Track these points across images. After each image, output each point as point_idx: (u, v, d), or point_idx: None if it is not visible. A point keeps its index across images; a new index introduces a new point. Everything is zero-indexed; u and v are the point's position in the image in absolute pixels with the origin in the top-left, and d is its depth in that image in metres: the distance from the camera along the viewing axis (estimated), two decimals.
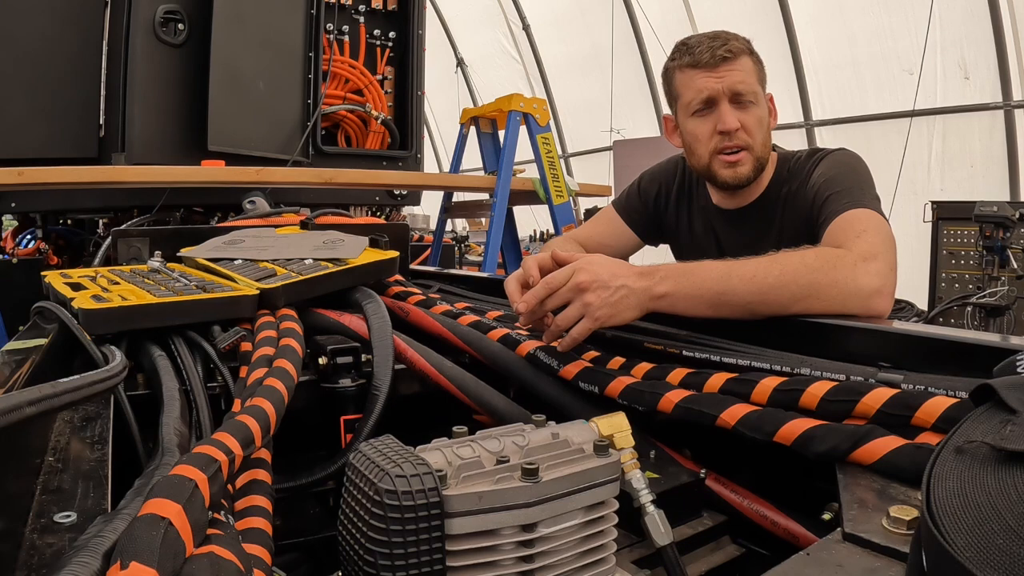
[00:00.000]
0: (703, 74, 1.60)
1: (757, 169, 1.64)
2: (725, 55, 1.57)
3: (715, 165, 1.65)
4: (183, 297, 1.22)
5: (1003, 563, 0.38)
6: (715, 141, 1.63)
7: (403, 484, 0.64)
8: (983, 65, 6.99)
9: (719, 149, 1.63)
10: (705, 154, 1.66)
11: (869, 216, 1.40)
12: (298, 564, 1.04)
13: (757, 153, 1.63)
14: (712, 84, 1.59)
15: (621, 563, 0.81)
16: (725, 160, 1.63)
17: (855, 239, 1.32)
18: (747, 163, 1.63)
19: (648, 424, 1.06)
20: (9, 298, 2.36)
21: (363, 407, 1.13)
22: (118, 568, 0.46)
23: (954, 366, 0.93)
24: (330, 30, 3.26)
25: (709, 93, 1.60)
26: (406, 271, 1.90)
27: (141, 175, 2.59)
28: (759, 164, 1.64)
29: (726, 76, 1.58)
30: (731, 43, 1.59)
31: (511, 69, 11.99)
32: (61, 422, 0.84)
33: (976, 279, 4.78)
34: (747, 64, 1.60)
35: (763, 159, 1.65)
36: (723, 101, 1.60)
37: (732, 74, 1.58)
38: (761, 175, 1.68)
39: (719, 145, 1.63)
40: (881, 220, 1.40)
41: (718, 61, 1.58)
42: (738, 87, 1.58)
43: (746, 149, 1.62)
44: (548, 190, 3.89)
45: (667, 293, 1.20)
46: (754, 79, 1.60)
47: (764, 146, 1.64)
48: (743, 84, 1.58)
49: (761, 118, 1.62)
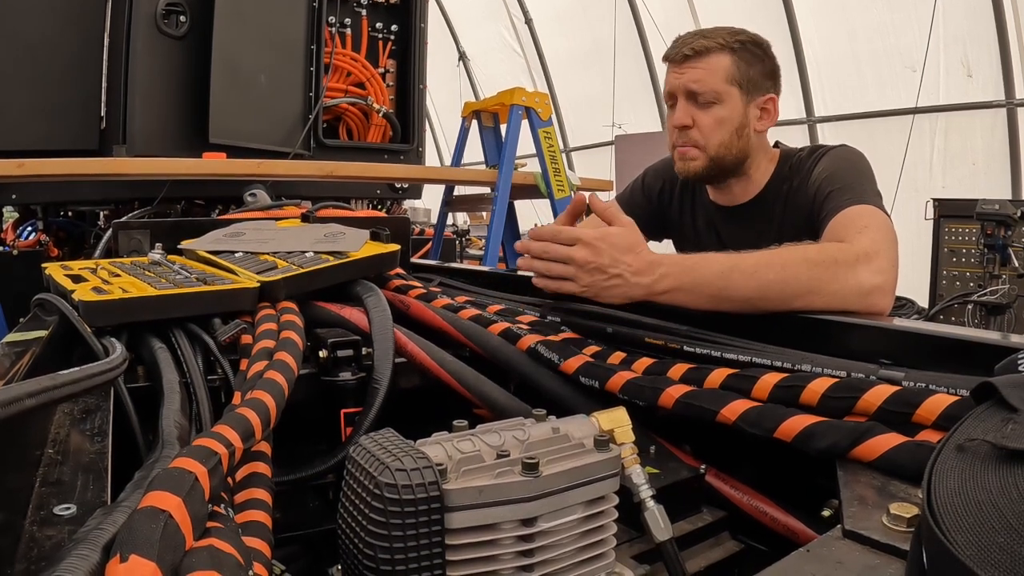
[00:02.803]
0: (670, 69, 1.65)
1: (712, 168, 1.65)
2: (688, 53, 1.60)
3: (674, 156, 1.70)
4: (184, 289, 1.22)
5: (1004, 562, 0.38)
6: (673, 136, 1.68)
7: (403, 478, 0.64)
8: (986, 63, 6.98)
9: (674, 144, 1.68)
10: (669, 147, 1.71)
11: (871, 212, 1.40)
12: (298, 557, 1.04)
13: (712, 153, 1.63)
14: (672, 80, 1.64)
15: (621, 558, 0.81)
16: (678, 152, 1.68)
17: (856, 235, 1.32)
18: (697, 158, 1.65)
19: (649, 419, 1.06)
20: (9, 290, 2.35)
21: (363, 400, 1.13)
22: (117, 561, 0.46)
23: (955, 364, 0.93)
24: (332, 23, 3.25)
25: (669, 88, 1.65)
26: (407, 265, 1.89)
27: (142, 167, 2.59)
28: (714, 164, 1.65)
29: (685, 73, 1.61)
30: (702, 40, 1.60)
31: (513, 63, 11.96)
32: (61, 414, 0.84)
33: (977, 277, 4.78)
34: (716, 62, 1.59)
35: (722, 160, 1.65)
36: (680, 97, 1.63)
37: (691, 72, 1.60)
38: (749, 175, 1.68)
39: (674, 140, 1.67)
40: (883, 216, 1.40)
41: (682, 58, 1.61)
42: (691, 86, 1.60)
43: (697, 148, 1.63)
44: (549, 184, 3.89)
45: (668, 290, 1.22)
46: (718, 78, 1.59)
47: (723, 147, 1.63)
48: (697, 83, 1.59)
49: (721, 118, 1.61)
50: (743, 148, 1.66)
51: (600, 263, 1.20)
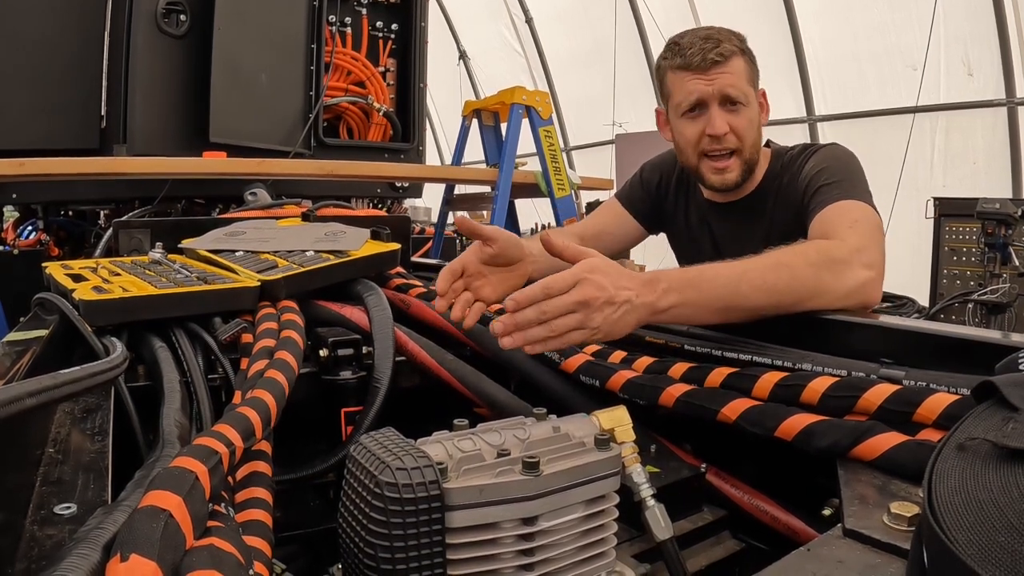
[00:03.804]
0: (693, 77, 1.59)
1: (746, 172, 1.64)
2: (716, 59, 1.56)
3: (703, 168, 1.66)
4: (184, 289, 1.22)
5: (1004, 560, 0.38)
6: (704, 143, 1.62)
7: (403, 477, 0.64)
8: (987, 62, 6.96)
9: (707, 152, 1.63)
10: (693, 156, 1.66)
11: (860, 207, 1.40)
12: (298, 556, 1.04)
13: (746, 156, 1.63)
14: (702, 87, 1.58)
15: (621, 557, 0.81)
16: (714, 166, 1.63)
17: (847, 229, 1.33)
18: (735, 169, 1.63)
19: (649, 418, 1.06)
20: (10, 289, 2.35)
21: (364, 399, 1.13)
22: (118, 560, 0.46)
23: (955, 363, 0.93)
24: (332, 22, 3.25)
25: (699, 96, 1.59)
26: (407, 263, 1.90)
27: (142, 166, 2.59)
28: (748, 167, 1.64)
29: (716, 80, 1.57)
30: (723, 45, 1.57)
31: (513, 62, 11.95)
32: (62, 413, 0.84)
33: (978, 276, 4.78)
34: (738, 66, 1.59)
35: (752, 160, 1.65)
36: (713, 105, 1.59)
37: (722, 77, 1.57)
38: (754, 171, 1.68)
39: (707, 148, 1.62)
40: (872, 212, 1.41)
41: (709, 64, 1.57)
42: (728, 91, 1.57)
43: (735, 153, 1.62)
44: (550, 183, 3.89)
45: (672, 306, 1.12)
46: (744, 81, 1.59)
47: (754, 147, 1.64)
48: (733, 88, 1.57)
49: (751, 120, 1.61)
50: (761, 145, 1.68)
51: (608, 295, 1.03)
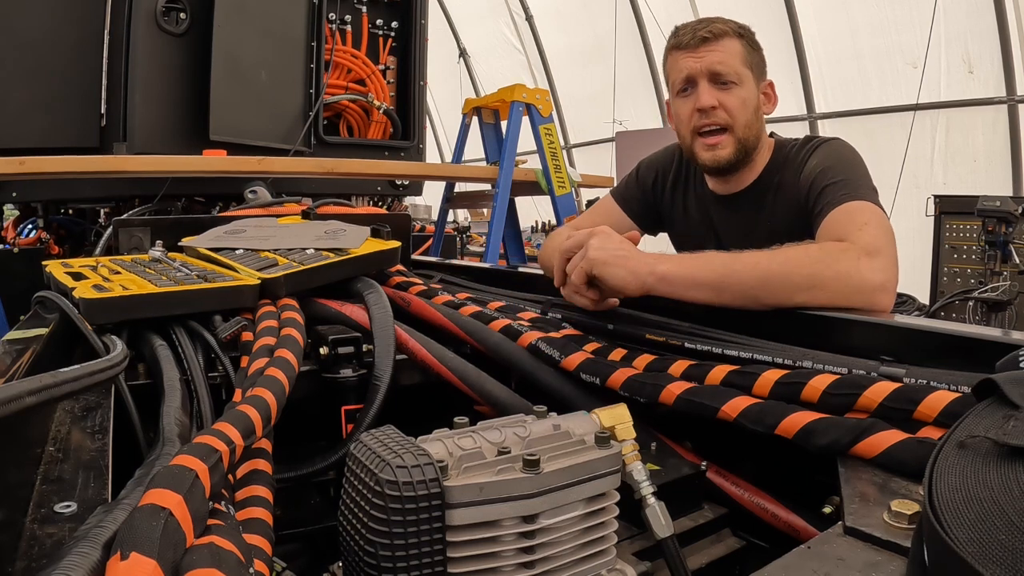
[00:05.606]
0: (684, 55, 1.64)
1: (740, 151, 1.65)
2: (705, 36, 1.61)
3: (696, 147, 1.68)
4: (184, 287, 1.22)
5: (1005, 558, 0.38)
6: (695, 120, 1.65)
7: (404, 475, 0.64)
8: (987, 59, 6.96)
9: (698, 128, 1.66)
10: (687, 135, 1.69)
11: (871, 209, 1.39)
12: (299, 554, 1.04)
13: (739, 134, 1.63)
14: (691, 64, 1.63)
15: (622, 555, 0.81)
16: (705, 143, 1.66)
17: (857, 232, 1.32)
18: (727, 146, 1.64)
19: (649, 416, 1.06)
20: (10, 288, 2.35)
21: (364, 397, 1.13)
22: (118, 558, 0.46)
23: (956, 360, 0.93)
24: (332, 19, 3.25)
25: (688, 72, 1.64)
26: (408, 261, 1.90)
27: (142, 164, 2.58)
28: (742, 146, 1.64)
29: (705, 56, 1.61)
30: (714, 25, 1.62)
31: (514, 60, 11.95)
32: (62, 412, 0.84)
33: (978, 274, 4.77)
34: (731, 46, 1.62)
35: (747, 141, 1.65)
36: (702, 81, 1.63)
37: (711, 55, 1.61)
38: (754, 160, 1.68)
39: (698, 124, 1.65)
40: (881, 214, 1.40)
41: (699, 42, 1.62)
42: (716, 67, 1.61)
43: (727, 130, 1.63)
44: (550, 181, 3.88)
45: (669, 272, 1.23)
46: (737, 60, 1.62)
47: (748, 128, 1.64)
48: (721, 64, 1.61)
49: (745, 99, 1.63)
50: (759, 131, 1.68)
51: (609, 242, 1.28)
